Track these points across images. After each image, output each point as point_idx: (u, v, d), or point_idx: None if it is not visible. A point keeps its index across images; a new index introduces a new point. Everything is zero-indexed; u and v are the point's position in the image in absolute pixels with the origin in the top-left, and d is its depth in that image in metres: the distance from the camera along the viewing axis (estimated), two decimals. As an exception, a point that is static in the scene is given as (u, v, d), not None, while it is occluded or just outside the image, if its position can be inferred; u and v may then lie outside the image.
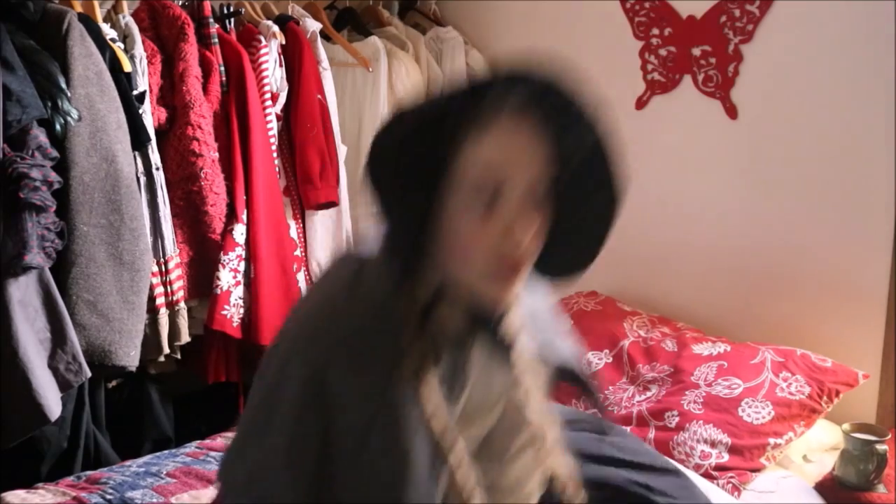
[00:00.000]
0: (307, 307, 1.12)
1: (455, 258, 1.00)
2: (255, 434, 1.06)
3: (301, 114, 2.50)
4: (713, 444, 2.04)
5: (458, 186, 0.98)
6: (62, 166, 1.89)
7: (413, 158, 0.99)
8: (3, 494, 1.75)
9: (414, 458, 1.01)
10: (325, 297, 1.09)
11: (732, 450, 2.03)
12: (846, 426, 2.03)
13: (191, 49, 2.23)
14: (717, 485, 1.95)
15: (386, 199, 1.02)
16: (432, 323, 1.04)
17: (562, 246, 1.05)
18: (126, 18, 2.19)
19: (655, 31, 2.63)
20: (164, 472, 1.89)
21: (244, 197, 2.34)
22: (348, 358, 1.01)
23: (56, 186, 1.83)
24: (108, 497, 1.77)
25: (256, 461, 1.04)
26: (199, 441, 2.10)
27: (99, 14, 2.14)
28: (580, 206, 1.04)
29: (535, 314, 1.17)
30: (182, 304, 2.26)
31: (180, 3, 2.33)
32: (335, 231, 2.66)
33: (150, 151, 2.16)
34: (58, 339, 1.86)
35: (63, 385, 1.87)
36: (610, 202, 1.04)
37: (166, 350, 2.22)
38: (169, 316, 2.22)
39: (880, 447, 1.97)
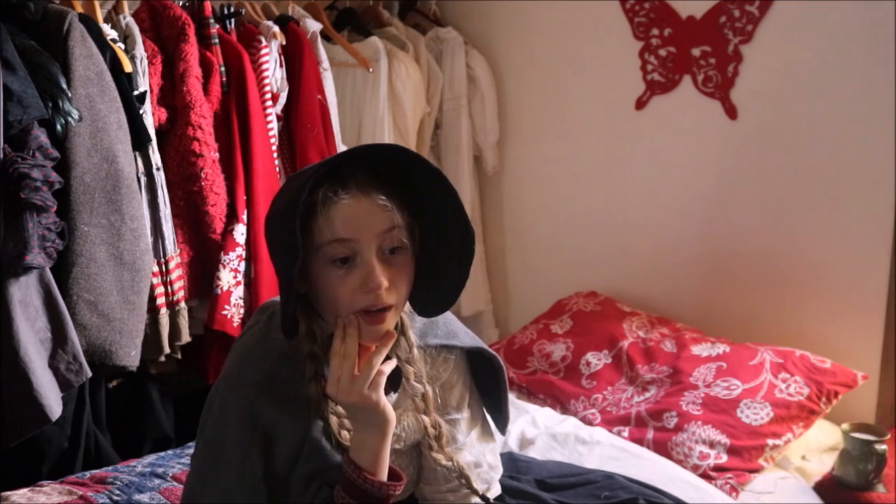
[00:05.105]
0: (236, 353, 1.32)
1: (328, 308, 1.19)
2: (212, 467, 1.23)
3: (301, 114, 2.50)
4: (711, 445, 2.04)
5: (318, 256, 1.15)
6: (63, 166, 1.88)
7: (280, 235, 1.17)
8: (9, 493, 1.75)
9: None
10: (246, 345, 1.30)
11: (731, 451, 2.03)
12: (845, 426, 2.03)
13: (191, 49, 2.23)
14: (716, 485, 1.95)
15: (274, 266, 1.22)
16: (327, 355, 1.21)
17: (433, 284, 1.22)
18: (127, 19, 2.19)
19: (655, 32, 2.63)
20: (170, 475, 1.88)
21: (244, 197, 2.34)
22: (268, 397, 1.22)
23: (57, 187, 1.83)
24: (116, 498, 1.76)
25: (219, 490, 1.21)
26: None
27: (100, 14, 2.15)
28: (442, 247, 1.21)
29: (431, 323, 1.34)
30: (182, 304, 2.26)
31: (181, 3, 2.33)
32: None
33: (150, 152, 2.16)
34: (58, 338, 1.86)
35: (64, 385, 1.87)
36: (464, 240, 1.20)
37: (167, 350, 2.22)
38: (169, 316, 2.23)
39: (879, 447, 1.98)
